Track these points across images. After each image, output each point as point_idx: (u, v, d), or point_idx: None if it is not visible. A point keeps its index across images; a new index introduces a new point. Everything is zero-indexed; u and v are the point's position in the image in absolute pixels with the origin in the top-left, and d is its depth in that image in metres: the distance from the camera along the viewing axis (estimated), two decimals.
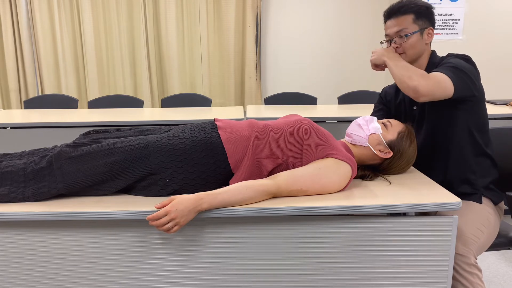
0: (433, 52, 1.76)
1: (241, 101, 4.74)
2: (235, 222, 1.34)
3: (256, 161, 1.40)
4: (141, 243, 1.34)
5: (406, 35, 1.68)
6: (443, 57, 1.74)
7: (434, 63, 1.71)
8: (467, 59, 1.64)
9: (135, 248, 1.34)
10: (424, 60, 1.73)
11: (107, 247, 1.34)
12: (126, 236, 1.33)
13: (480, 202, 1.63)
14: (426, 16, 1.69)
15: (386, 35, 1.74)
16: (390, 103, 1.90)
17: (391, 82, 1.96)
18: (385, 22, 1.76)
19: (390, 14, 1.72)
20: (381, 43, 1.79)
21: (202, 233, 1.34)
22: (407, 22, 1.68)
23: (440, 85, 1.51)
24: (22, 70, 4.48)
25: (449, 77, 1.53)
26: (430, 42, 1.74)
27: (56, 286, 1.36)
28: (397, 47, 1.71)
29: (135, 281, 1.37)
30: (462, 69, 1.57)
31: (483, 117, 1.68)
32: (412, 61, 1.73)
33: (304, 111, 3.11)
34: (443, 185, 1.51)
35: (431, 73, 1.56)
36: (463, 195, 1.61)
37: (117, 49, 4.50)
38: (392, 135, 1.55)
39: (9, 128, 2.82)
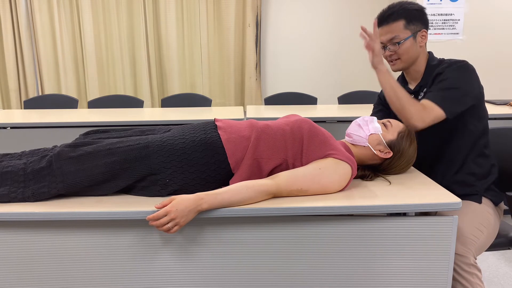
0: (430, 54, 1.75)
1: (241, 101, 4.74)
2: (235, 222, 1.34)
3: (256, 161, 1.40)
4: (141, 244, 1.34)
5: (398, 43, 1.66)
6: (440, 59, 1.72)
7: (432, 66, 1.70)
8: (462, 66, 1.61)
9: (135, 248, 1.34)
10: (422, 63, 1.72)
11: (107, 247, 1.34)
12: (126, 236, 1.33)
13: (480, 202, 1.63)
14: (417, 19, 1.67)
15: (380, 42, 1.73)
16: (388, 104, 1.89)
17: None
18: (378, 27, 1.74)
19: (381, 21, 1.70)
20: None
21: (203, 233, 1.34)
22: (398, 28, 1.66)
23: (430, 115, 1.55)
24: (22, 70, 4.48)
25: (440, 105, 1.55)
26: (426, 44, 1.72)
27: (56, 286, 1.36)
28: (391, 54, 1.70)
29: (135, 281, 1.37)
30: (454, 87, 1.57)
31: (483, 119, 1.67)
32: (408, 66, 1.72)
33: (304, 111, 3.11)
34: (443, 187, 1.51)
35: (422, 102, 1.58)
36: (463, 196, 1.60)
37: (117, 49, 4.50)
38: (392, 135, 1.55)
39: (9, 128, 2.82)
